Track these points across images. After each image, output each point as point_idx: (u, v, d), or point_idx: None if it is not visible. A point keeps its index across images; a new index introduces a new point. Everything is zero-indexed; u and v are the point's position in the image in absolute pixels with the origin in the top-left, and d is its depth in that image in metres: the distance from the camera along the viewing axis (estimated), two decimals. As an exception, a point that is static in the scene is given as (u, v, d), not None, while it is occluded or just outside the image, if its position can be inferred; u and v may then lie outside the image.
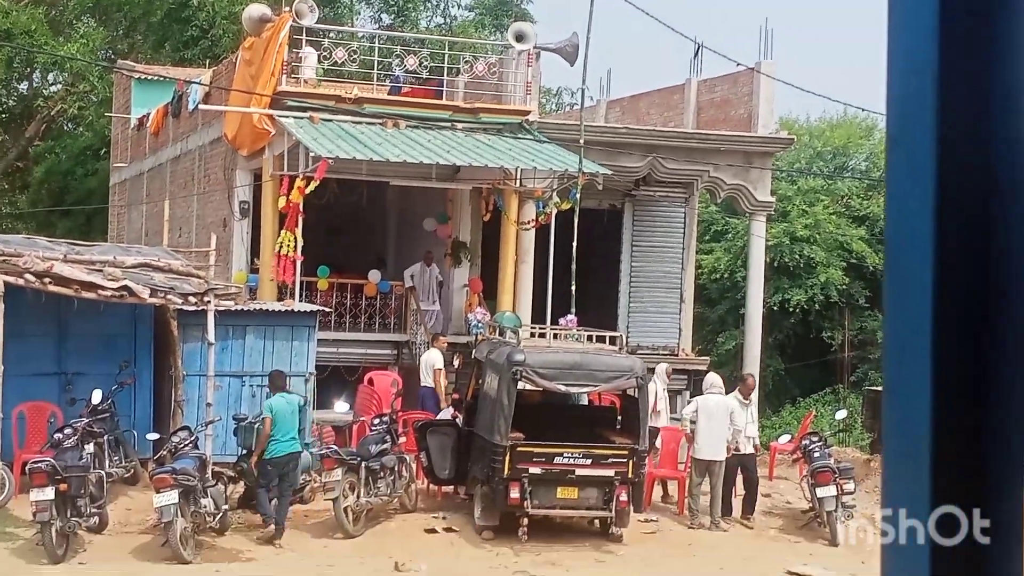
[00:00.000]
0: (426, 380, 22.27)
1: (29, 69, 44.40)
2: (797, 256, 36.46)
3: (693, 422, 19.51)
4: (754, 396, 21.99)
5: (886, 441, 1.68)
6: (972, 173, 1.46)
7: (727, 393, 20.45)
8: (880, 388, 30.45)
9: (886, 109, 1.50)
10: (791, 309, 36.57)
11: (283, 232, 22.23)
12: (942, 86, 1.45)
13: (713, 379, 20.43)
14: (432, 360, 22.29)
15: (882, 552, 1.75)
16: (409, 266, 25.41)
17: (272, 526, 17.27)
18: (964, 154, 1.45)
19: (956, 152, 1.45)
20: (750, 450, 20.19)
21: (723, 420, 19.38)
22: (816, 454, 19.87)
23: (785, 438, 24.92)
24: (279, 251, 22.29)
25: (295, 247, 22.15)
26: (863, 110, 37.08)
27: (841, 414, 26.18)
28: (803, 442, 20.94)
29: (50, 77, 45.37)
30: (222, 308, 19.67)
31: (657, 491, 20.50)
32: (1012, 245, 1.46)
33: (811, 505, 19.68)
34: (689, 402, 21.42)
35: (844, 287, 37.01)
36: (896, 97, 1.48)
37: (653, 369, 21.12)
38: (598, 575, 16.60)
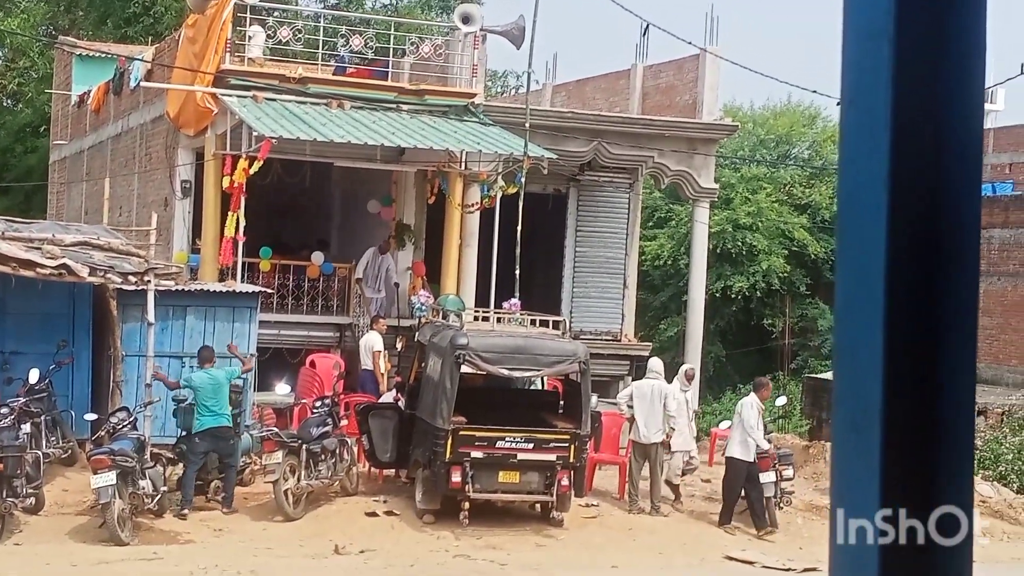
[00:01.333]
0: (366, 363, 22.29)
1: (-32, 43, 43.96)
2: (739, 243, 36.66)
3: (630, 406, 19.61)
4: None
5: (836, 436, 1.66)
6: (925, 134, 1.46)
7: (669, 380, 20.56)
8: (819, 376, 30.83)
9: (841, 72, 1.49)
10: (733, 296, 36.78)
11: (228, 213, 22.13)
12: (898, 49, 1.44)
13: (654, 364, 20.51)
14: (371, 343, 22.33)
15: (831, 551, 1.74)
16: (353, 250, 25.29)
17: (187, 510, 17.35)
18: (918, 116, 1.45)
19: (910, 113, 1.44)
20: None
21: (658, 404, 19.46)
22: (756, 440, 20.00)
23: (726, 424, 25.03)
24: (224, 233, 22.26)
25: (237, 228, 22.08)
26: (814, 91, 37.41)
27: (781, 401, 26.36)
28: (743, 428, 21.10)
29: (-11, 52, 44.93)
30: (162, 288, 19.56)
31: (598, 476, 20.52)
32: (962, 205, 1.46)
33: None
34: (624, 386, 21.43)
35: (785, 275, 37.25)
36: (852, 60, 1.47)
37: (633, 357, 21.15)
38: (538, 559, 16.63)
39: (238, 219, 22.05)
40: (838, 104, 1.54)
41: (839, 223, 1.52)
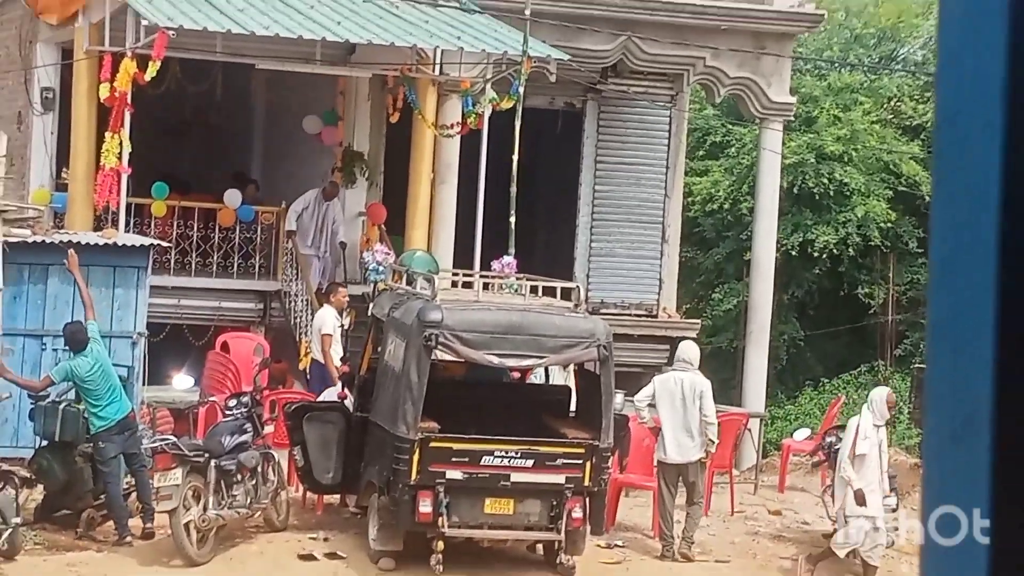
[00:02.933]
0: (316, 351, 22.26)
1: None
2: (826, 181, 36.65)
3: (651, 407, 19.52)
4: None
5: (927, 425, 1.67)
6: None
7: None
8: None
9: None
10: (816, 254, 36.74)
11: (107, 135, 22.14)
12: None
13: (686, 349, 20.22)
14: (321, 322, 22.23)
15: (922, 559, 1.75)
16: (284, 188, 25.33)
17: (127, 536, 17.88)
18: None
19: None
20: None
21: (692, 407, 19.34)
22: (846, 456, 20.10)
23: (804, 433, 25.16)
24: (102, 163, 22.25)
25: (120, 156, 22.07)
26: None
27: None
28: (828, 439, 21.14)
29: None
30: (15, 240, 19.62)
31: (624, 504, 20.59)
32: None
33: (836, 527, 19.93)
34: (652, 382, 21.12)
35: (889, 226, 37.19)
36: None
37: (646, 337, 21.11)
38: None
39: (121, 143, 22.06)
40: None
41: (936, 150, 1.52)
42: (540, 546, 18.25)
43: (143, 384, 20.59)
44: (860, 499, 17.88)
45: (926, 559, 1.71)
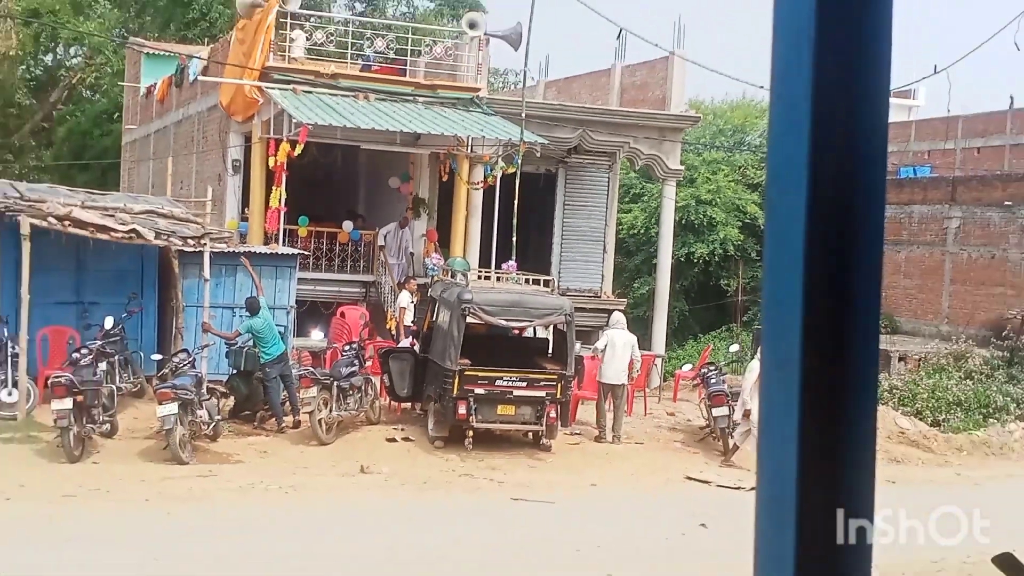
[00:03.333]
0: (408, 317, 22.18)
1: (54, 43, 43.87)
2: (701, 216, 36.64)
3: (602, 351, 19.56)
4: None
5: (765, 371, 1.67)
6: (840, 122, 1.47)
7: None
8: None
9: (771, 70, 1.50)
10: (695, 261, 36.82)
11: (273, 188, 22.16)
12: (817, 51, 1.45)
13: (616, 317, 20.37)
14: (400, 300, 22.23)
15: (758, 461, 1.74)
16: (378, 219, 25.26)
17: (285, 420, 18.14)
18: (833, 107, 1.46)
19: (827, 105, 1.45)
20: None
21: (625, 352, 19.44)
22: (712, 381, 20.02)
23: (687, 367, 25.13)
24: (269, 204, 22.29)
25: (280, 200, 22.15)
26: (761, 87, 37.19)
27: (734, 348, 26.39)
28: (702, 371, 21.14)
29: (72, 51, 44.77)
30: (216, 250, 19.62)
31: (581, 410, 20.52)
32: (870, 183, 1.47)
33: (707, 423, 19.87)
34: (601, 336, 21.16)
35: (739, 243, 37.23)
36: (779, 60, 1.48)
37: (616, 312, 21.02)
38: (530, 478, 16.70)
39: (280, 193, 22.08)
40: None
41: (767, 197, 1.54)
42: (530, 434, 18.27)
43: (294, 336, 20.56)
44: (747, 415, 17.93)
45: (760, 447, 1.70)
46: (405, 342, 20.44)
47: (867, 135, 1.47)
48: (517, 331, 19.82)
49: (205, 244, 19.30)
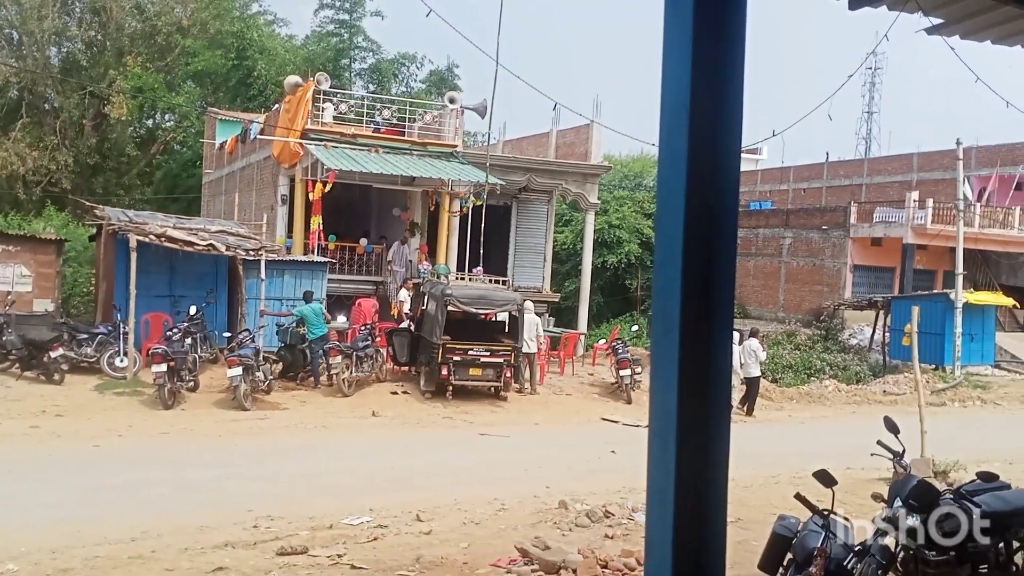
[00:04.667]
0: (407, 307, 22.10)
1: (153, 111, 43.31)
2: (612, 236, 36.63)
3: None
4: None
5: (654, 339, 1.67)
6: (707, 167, 1.49)
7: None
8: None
9: (659, 126, 1.52)
10: (608, 267, 36.78)
11: (313, 216, 22.02)
12: (692, 116, 1.47)
13: (528, 305, 19.59)
14: (401, 295, 22.19)
15: (651, 408, 1.71)
16: (389, 242, 24.97)
17: (320, 382, 17.87)
18: (703, 154, 1.48)
19: (699, 153, 1.47)
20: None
21: (531, 329, 19.09)
22: (620, 350, 20.11)
23: (602, 341, 25.16)
24: (311, 227, 22.12)
25: (318, 224, 22.00)
26: (653, 144, 37.34)
27: (635, 328, 26.49)
28: (613, 344, 21.18)
29: (166, 116, 44.23)
30: (269, 259, 19.47)
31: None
32: (727, 211, 1.50)
33: (616, 380, 19.95)
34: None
35: (638, 255, 37.30)
36: (666, 119, 1.50)
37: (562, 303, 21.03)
38: (493, 419, 16.71)
39: (318, 220, 21.93)
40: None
41: (657, 222, 1.56)
42: (492, 388, 18.25)
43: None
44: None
45: (651, 392, 1.69)
46: (404, 324, 20.36)
47: (726, 179, 1.50)
48: (484, 316, 19.83)
49: (262, 254, 19.15)
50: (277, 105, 26.89)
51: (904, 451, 8.21)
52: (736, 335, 19.79)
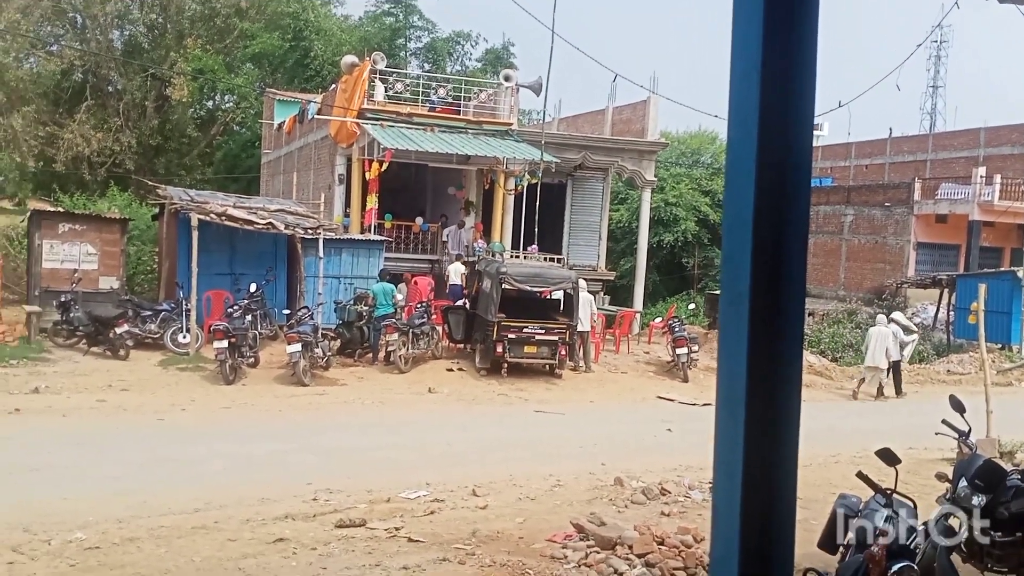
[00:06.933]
0: (454, 281, 22.17)
1: (213, 93, 43.92)
2: (668, 214, 36.38)
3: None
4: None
5: (722, 309, 1.63)
6: (779, 143, 1.45)
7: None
8: (714, 292, 30.66)
9: (728, 100, 1.48)
10: (664, 245, 36.53)
11: (369, 195, 22.15)
12: (762, 85, 1.44)
13: (582, 283, 19.46)
14: (458, 269, 22.26)
15: (718, 386, 1.67)
16: (446, 222, 25.01)
17: (378, 359, 18.11)
18: (775, 131, 1.44)
19: (770, 130, 1.43)
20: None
21: (586, 308, 19.01)
22: (676, 329, 19.97)
23: (658, 320, 24.99)
24: (366, 206, 22.28)
25: (374, 203, 22.15)
26: (715, 116, 36.88)
27: (691, 307, 26.31)
28: (669, 322, 21.03)
29: (226, 98, 44.82)
30: (327, 237, 19.66)
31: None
32: (799, 189, 1.46)
33: (672, 359, 19.83)
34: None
35: (695, 233, 36.98)
36: (735, 92, 1.47)
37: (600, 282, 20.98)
38: (547, 396, 16.75)
39: (374, 198, 22.07)
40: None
41: (726, 197, 1.52)
42: (547, 366, 18.26)
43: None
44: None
45: (719, 372, 1.65)
46: (459, 302, 20.40)
47: (797, 153, 1.46)
48: (539, 294, 19.84)
49: (320, 233, 19.34)
50: (334, 85, 27.11)
51: (970, 431, 8.03)
52: (881, 317, 19.95)
